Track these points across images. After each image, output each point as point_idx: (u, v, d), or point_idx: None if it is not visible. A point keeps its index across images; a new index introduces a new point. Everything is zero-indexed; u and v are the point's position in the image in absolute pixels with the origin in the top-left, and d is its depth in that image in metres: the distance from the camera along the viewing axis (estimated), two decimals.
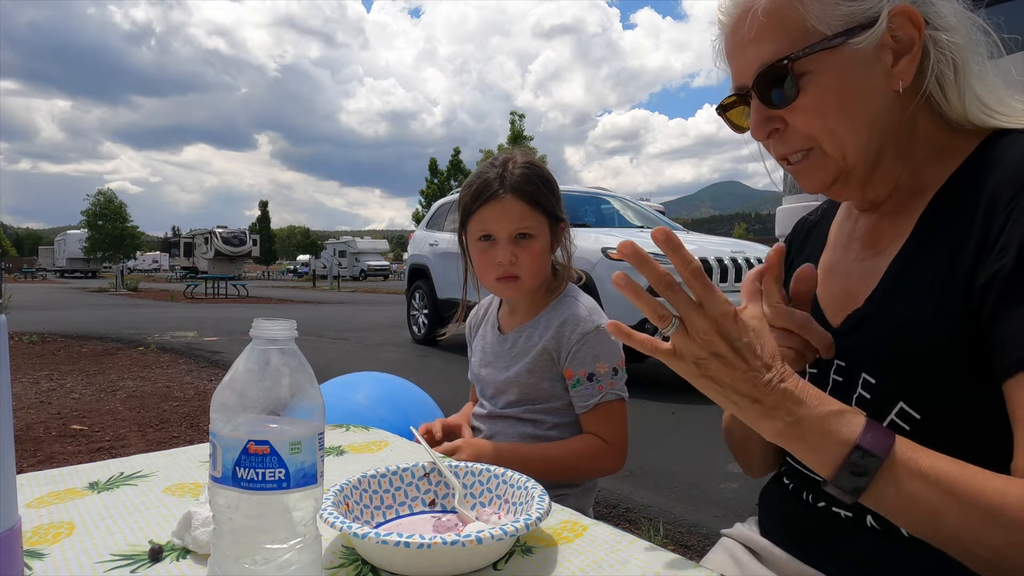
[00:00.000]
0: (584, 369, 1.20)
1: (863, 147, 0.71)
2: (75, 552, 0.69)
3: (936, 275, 0.67)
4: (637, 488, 3.08)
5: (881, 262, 0.75)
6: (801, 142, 0.73)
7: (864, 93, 0.70)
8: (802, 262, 0.88)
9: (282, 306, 16.91)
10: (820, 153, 0.73)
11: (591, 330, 1.21)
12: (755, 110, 0.74)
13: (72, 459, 3.30)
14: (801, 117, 0.71)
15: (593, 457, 1.20)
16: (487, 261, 1.25)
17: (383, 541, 0.61)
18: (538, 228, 1.24)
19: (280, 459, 0.53)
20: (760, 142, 0.78)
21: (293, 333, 0.57)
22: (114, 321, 11.10)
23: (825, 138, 0.71)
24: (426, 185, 33.20)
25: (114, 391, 5.08)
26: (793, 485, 0.82)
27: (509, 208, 1.22)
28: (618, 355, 1.23)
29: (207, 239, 38.48)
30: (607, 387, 1.20)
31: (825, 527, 0.75)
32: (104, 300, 19.37)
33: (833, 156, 0.72)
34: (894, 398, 0.68)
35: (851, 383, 0.73)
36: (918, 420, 0.67)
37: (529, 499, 0.74)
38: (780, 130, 0.74)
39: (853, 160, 0.72)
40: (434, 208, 8.38)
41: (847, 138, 0.71)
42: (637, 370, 5.91)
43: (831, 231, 0.88)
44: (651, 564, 0.65)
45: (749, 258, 5.51)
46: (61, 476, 0.93)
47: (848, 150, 0.71)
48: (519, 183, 1.22)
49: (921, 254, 0.70)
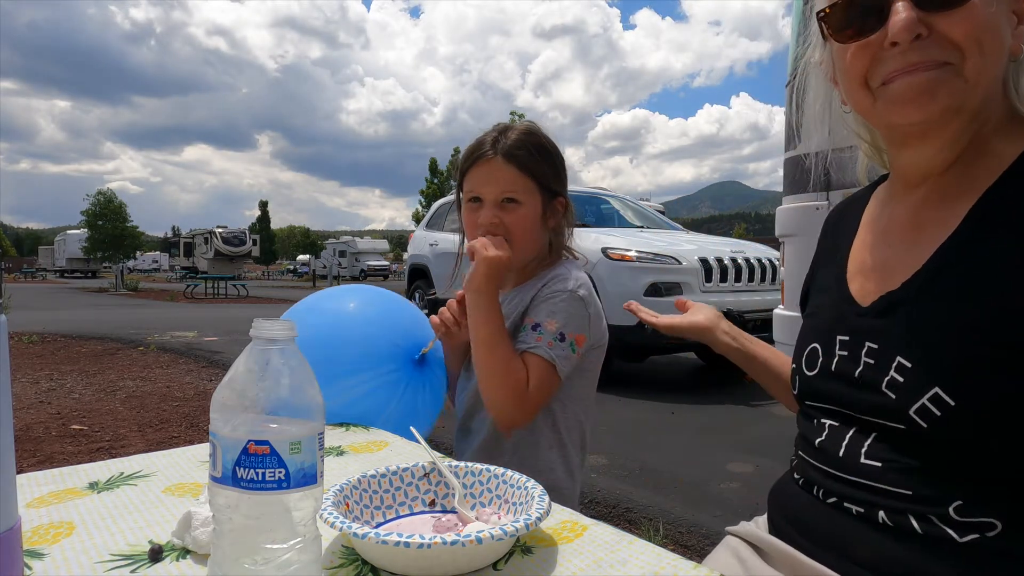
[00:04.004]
0: (533, 318, 1.19)
1: (989, 83, 0.69)
2: (75, 552, 0.69)
3: (993, 265, 0.66)
4: (637, 488, 3.08)
5: (923, 247, 0.73)
6: (944, 53, 0.69)
7: (1005, 35, 0.70)
8: (836, 249, 0.89)
9: (282, 306, 16.87)
10: (955, 73, 0.69)
11: (562, 290, 1.20)
12: (906, 6, 0.69)
13: (72, 459, 3.30)
14: (965, 23, 0.67)
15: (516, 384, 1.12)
16: (472, 222, 1.25)
17: (383, 541, 0.61)
18: (526, 195, 1.23)
19: (280, 459, 0.53)
20: (901, 43, 0.71)
21: (293, 333, 0.57)
22: (114, 321, 11.10)
23: (975, 52, 0.68)
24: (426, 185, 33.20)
25: (114, 391, 5.08)
26: (803, 480, 0.81)
27: (496, 170, 1.22)
28: (576, 327, 1.19)
29: (207, 239, 38.47)
30: (545, 344, 1.15)
31: (836, 523, 0.74)
32: (104, 300, 19.37)
33: (969, 77, 0.69)
34: (930, 383, 0.67)
35: (884, 366, 0.72)
36: (952, 407, 0.65)
37: (529, 499, 0.74)
38: (923, 37, 0.69)
39: (981, 93, 0.70)
40: (434, 208, 8.38)
41: (991, 62, 0.69)
42: (637, 370, 5.92)
43: (865, 216, 0.87)
44: (651, 564, 0.65)
45: (749, 258, 5.51)
46: (61, 476, 0.93)
47: (985, 78, 0.69)
48: (511, 147, 1.22)
49: (974, 243, 0.68)
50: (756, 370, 1.12)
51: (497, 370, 1.13)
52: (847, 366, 0.77)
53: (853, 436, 0.75)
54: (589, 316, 1.22)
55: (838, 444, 0.76)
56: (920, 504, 0.67)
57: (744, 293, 5.38)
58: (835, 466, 0.76)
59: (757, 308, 5.25)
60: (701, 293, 5.15)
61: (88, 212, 33.56)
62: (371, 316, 1.30)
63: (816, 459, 0.79)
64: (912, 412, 0.67)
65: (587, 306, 1.22)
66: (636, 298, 4.90)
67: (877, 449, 0.72)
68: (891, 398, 0.70)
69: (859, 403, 0.75)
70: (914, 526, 0.67)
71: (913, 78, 0.70)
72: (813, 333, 0.85)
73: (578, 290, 1.21)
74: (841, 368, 0.78)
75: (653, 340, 5.06)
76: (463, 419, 1.33)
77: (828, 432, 0.78)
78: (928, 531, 0.66)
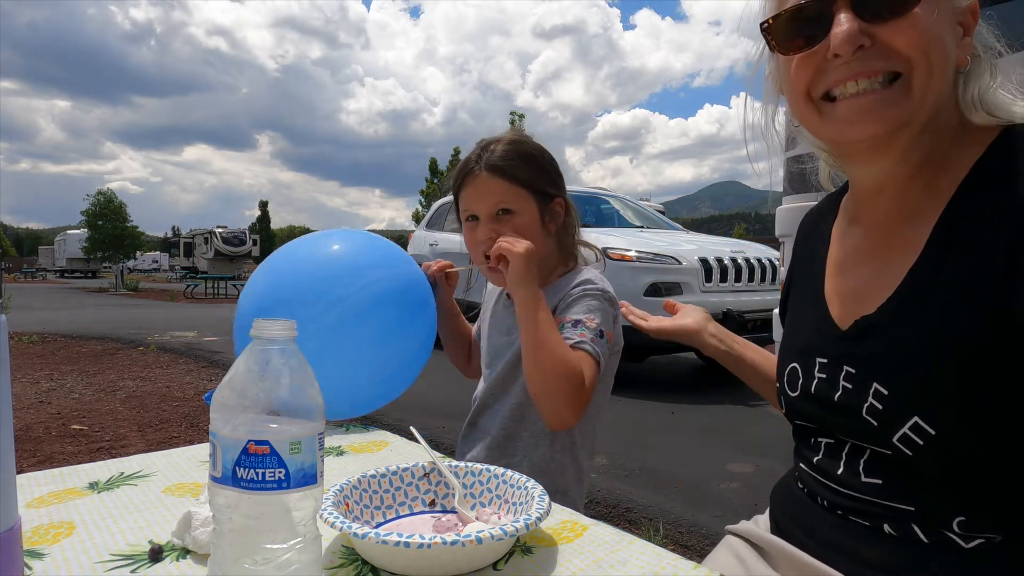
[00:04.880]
0: (572, 316, 1.18)
1: (938, 95, 0.69)
2: (75, 552, 0.69)
3: (962, 286, 0.65)
4: (637, 488, 3.08)
5: (895, 269, 0.72)
6: (888, 63, 0.68)
7: (950, 45, 0.69)
8: (811, 263, 0.88)
9: None
10: (904, 85, 0.68)
11: (596, 289, 1.21)
12: (848, 18, 0.68)
13: (72, 459, 3.30)
14: (907, 33, 0.67)
15: (577, 381, 1.08)
16: (473, 240, 1.26)
17: (383, 541, 0.61)
18: (519, 203, 1.22)
19: (280, 459, 0.53)
20: (841, 57, 0.70)
21: (293, 333, 0.57)
22: (114, 321, 11.09)
23: (921, 65, 0.67)
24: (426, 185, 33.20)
25: (114, 391, 5.08)
26: (808, 490, 0.81)
27: (484, 185, 1.22)
28: (611, 327, 1.20)
29: (207, 239, 38.46)
30: (589, 340, 1.14)
31: (842, 533, 0.74)
32: (104, 300, 19.36)
33: (916, 92, 0.68)
34: (908, 412, 0.66)
35: (862, 391, 0.71)
36: (933, 436, 0.64)
37: (529, 499, 0.74)
38: (866, 48, 0.68)
39: (928, 108, 0.69)
40: (434, 208, 8.38)
41: (937, 75, 0.68)
42: (637, 370, 5.92)
43: (835, 231, 0.87)
44: (651, 564, 0.65)
45: (749, 258, 5.51)
46: (61, 476, 0.93)
47: (932, 90, 0.68)
48: (496, 161, 1.22)
49: (942, 263, 0.68)
50: (746, 373, 1.11)
51: (556, 370, 1.08)
52: (827, 389, 0.77)
53: (849, 456, 0.75)
54: (615, 317, 1.23)
55: (836, 463, 0.76)
56: (924, 519, 0.67)
57: (744, 293, 5.38)
58: (836, 482, 0.75)
59: (757, 308, 5.25)
60: (701, 293, 5.15)
61: (88, 212, 33.54)
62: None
63: (817, 474, 0.79)
64: (896, 440, 0.67)
65: (615, 307, 1.23)
66: (636, 298, 4.90)
67: (875, 468, 0.72)
68: (873, 425, 0.70)
69: (843, 428, 0.75)
70: (920, 537, 0.67)
71: (858, 101, 0.70)
72: (793, 352, 0.85)
73: (608, 291, 1.23)
74: (821, 391, 0.78)
75: (653, 340, 5.06)
76: (473, 415, 1.33)
77: (824, 451, 0.78)
78: (934, 540, 0.66)
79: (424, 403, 4.48)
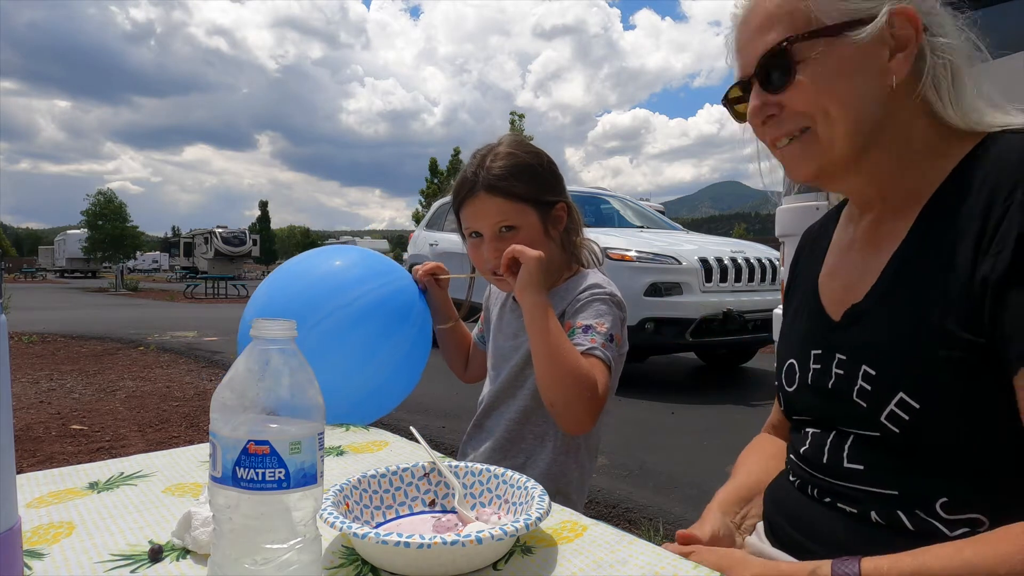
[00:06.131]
0: (583, 321, 1.17)
1: (852, 133, 0.75)
2: (75, 552, 0.69)
3: (937, 270, 0.69)
4: (637, 488, 3.08)
5: (880, 259, 0.77)
6: (795, 123, 0.77)
7: (858, 83, 0.74)
8: (809, 269, 0.92)
9: None
10: (812, 137, 0.76)
11: (604, 293, 1.21)
12: (754, 95, 0.79)
13: (72, 459, 3.30)
14: (798, 96, 0.75)
15: (591, 388, 1.08)
16: (478, 257, 1.26)
17: (383, 541, 0.61)
18: (521, 218, 1.22)
19: (280, 459, 0.53)
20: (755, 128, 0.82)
21: (293, 333, 0.57)
22: (114, 321, 11.10)
23: (819, 118, 0.75)
24: (426, 185, 33.20)
25: (114, 391, 5.08)
26: (799, 482, 0.83)
27: (485, 206, 1.22)
28: (620, 331, 1.20)
29: (207, 239, 38.44)
30: (600, 346, 1.14)
31: (830, 522, 0.77)
32: (104, 300, 19.37)
33: (823, 140, 0.76)
34: (894, 388, 0.70)
35: (852, 375, 0.75)
36: (917, 409, 0.68)
37: (529, 499, 0.74)
38: (776, 116, 0.78)
39: (841, 149, 0.75)
40: (434, 208, 8.38)
41: (839, 123, 0.74)
42: (637, 370, 5.92)
43: (834, 238, 0.91)
44: (651, 564, 0.65)
45: (749, 258, 5.51)
46: (61, 476, 0.93)
47: (838, 136, 0.75)
48: (493, 180, 1.21)
49: (921, 250, 0.73)
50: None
51: (570, 378, 1.07)
52: (821, 378, 0.80)
53: (833, 441, 0.78)
54: (623, 320, 1.23)
55: (820, 450, 0.79)
56: (908, 503, 0.70)
57: (744, 293, 5.38)
58: (822, 471, 0.79)
59: (757, 308, 5.25)
60: (701, 293, 5.15)
61: (88, 212, 33.54)
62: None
63: (805, 464, 0.82)
64: (883, 419, 0.70)
65: (623, 310, 1.23)
66: (636, 298, 4.90)
67: (857, 453, 0.75)
68: (862, 407, 0.73)
69: (836, 414, 0.78)
70: (905, 523, 0.70)
71: (779, 153, 0.81)
72: (790, 350, 0.89)
73: (616, 294, 1.23)
74: (816, 381, 0.81)
75: (653, 340, 5.06)
76: (479, 417, 1.33)
77: (810, 440, 0.82)
78: (920, 527, 0.69)
79: (424, 403, 4.48)
